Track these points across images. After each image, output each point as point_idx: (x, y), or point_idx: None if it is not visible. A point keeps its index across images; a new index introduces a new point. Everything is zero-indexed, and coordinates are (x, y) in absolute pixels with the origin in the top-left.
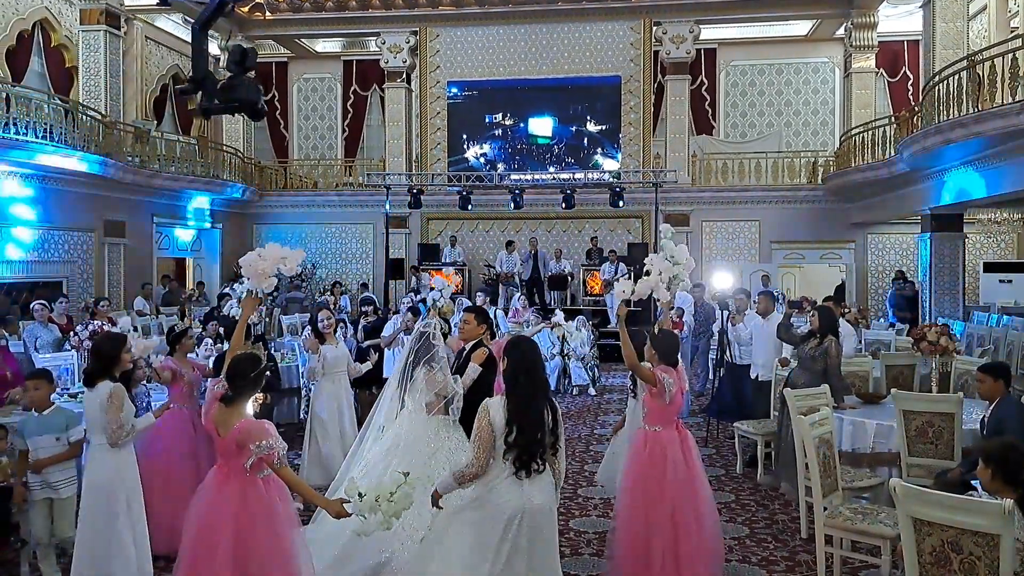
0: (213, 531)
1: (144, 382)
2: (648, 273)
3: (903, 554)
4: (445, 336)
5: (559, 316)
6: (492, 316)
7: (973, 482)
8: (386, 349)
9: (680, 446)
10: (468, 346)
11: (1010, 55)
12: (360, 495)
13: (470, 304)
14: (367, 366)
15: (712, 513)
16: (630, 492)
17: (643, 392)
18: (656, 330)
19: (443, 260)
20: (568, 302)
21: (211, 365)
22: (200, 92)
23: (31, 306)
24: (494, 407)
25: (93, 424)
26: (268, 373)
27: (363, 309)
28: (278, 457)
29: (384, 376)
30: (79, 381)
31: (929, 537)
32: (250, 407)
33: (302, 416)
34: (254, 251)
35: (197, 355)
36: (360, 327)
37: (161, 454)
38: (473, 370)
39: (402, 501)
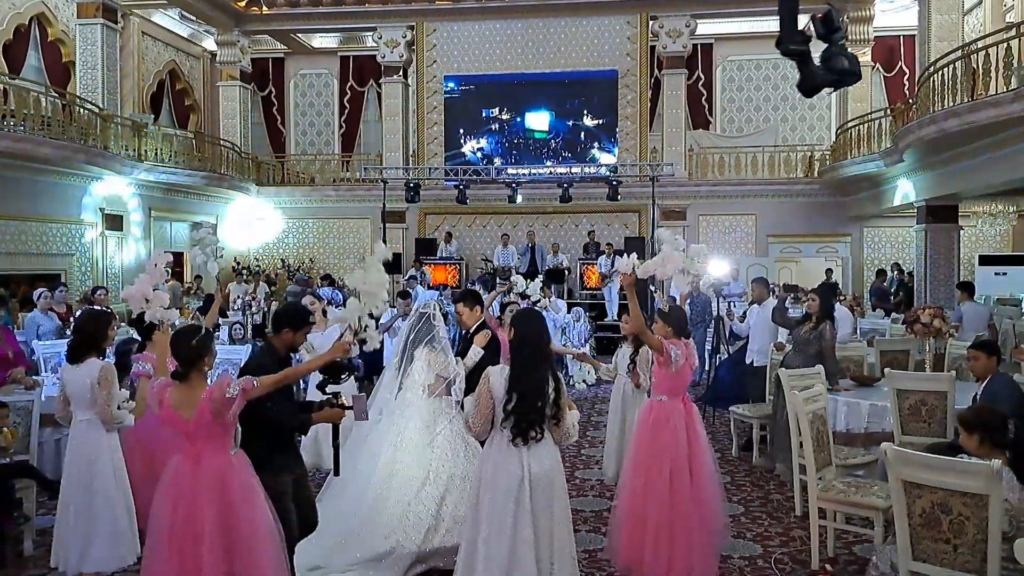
0: (195, 517)
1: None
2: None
3: (894, 518)
4: (445, 316)
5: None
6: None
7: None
8: (386, 336)
9: (684, 417)
10: (472, 329)
11: (1004, 45)
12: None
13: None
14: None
15: (713, 485)
16: (632, 459)
17: (648, 369)
18: (666, 307)
19: (439, 255)
20: (565, 296)
21: None
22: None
23: (35, 294)
24: (494, 375)
25: (79, 400)
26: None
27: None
28: (253, 382)
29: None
30: None
31: (919, 500)
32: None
33: None
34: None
35: None
36: None
37: (147, 434)
38: (475, 352)
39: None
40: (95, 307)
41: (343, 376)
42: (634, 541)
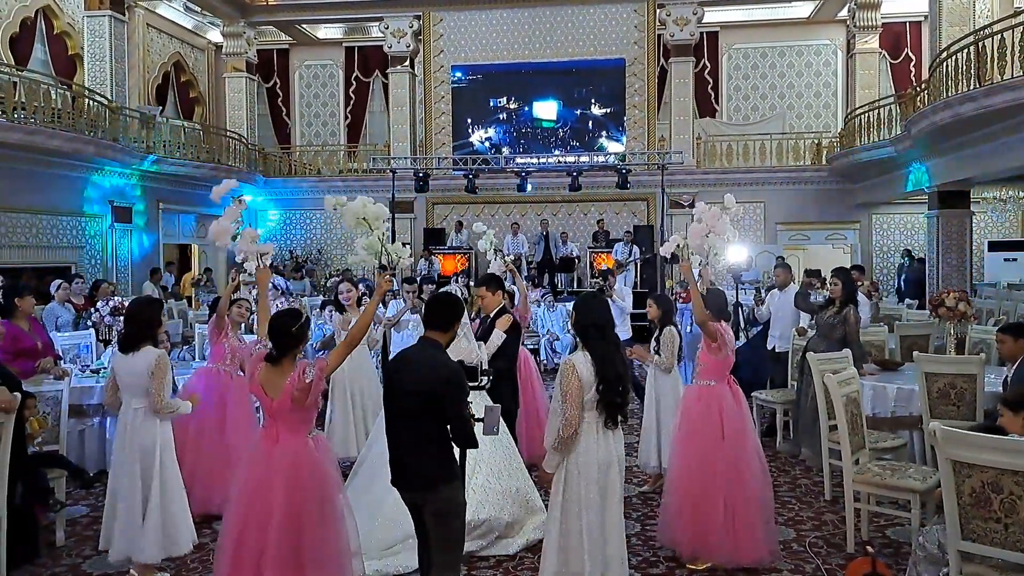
0: (266, 493)
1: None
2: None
3: (942, 498)
4: (466, 301)
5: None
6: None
7: None
8: (394, 331)
9: (734, 400)
10: (492, 313)
11: (1021, 28)
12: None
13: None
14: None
15: (762, 462)
16: (682, 446)
17: (666, 351)
18: (704, 290)
19: (449, 245)
20: (575, 284)
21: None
22: None
23: (52, 286)
24: (580, 363)
25: (132, 388)
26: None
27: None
28: (325, 359)
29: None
30: (98, 358)
31: (969, 479)
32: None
33: None
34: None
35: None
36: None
37: (192, 416)
38: (498, 336)
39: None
40: (124, 302)
41: (481, 380)
42: (698, 527)
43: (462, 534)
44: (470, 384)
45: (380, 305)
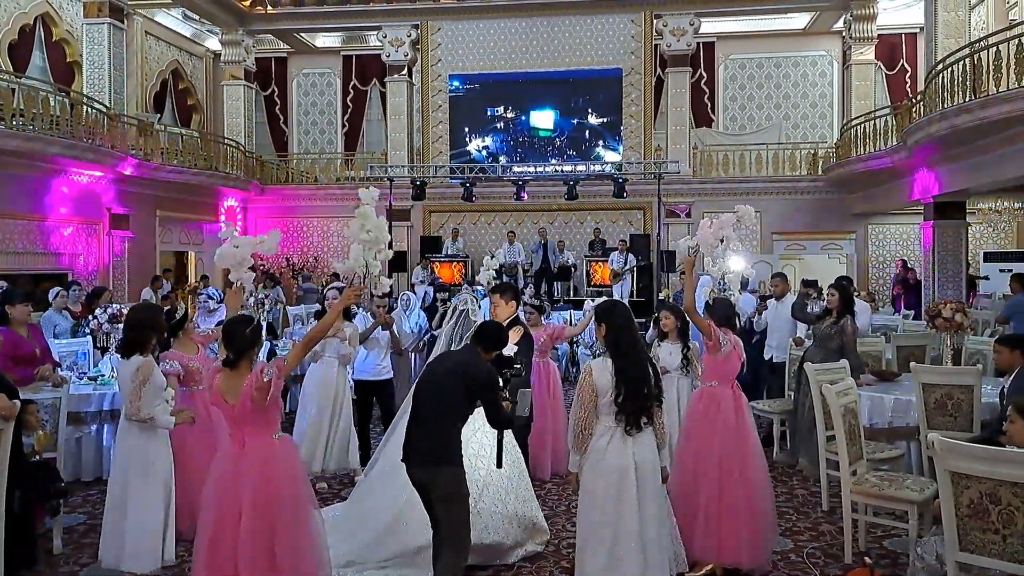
0: (237, 494)
1: None
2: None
3: (940, 509)
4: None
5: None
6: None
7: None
8: (363, 348)
9: (733, 403)
10: (504, 323)
11: (1016, 40)
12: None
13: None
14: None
15: (761, 473)
16: (682, 445)
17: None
18: (711, 300)
19: (445, 253)
20: (572, 293)
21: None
22: None
23: (51, 293)
24: (597, 368)
25: (124, 395)
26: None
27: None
28: (283, 360)
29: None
30: (95, 365)
31: (967, 490)
32: None
33: None
34: (227, 243)
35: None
36: None
37: (175, 436)
38: (508, 349)
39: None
40: (122, 310)
41: (513, 368)
42: (684, 524)
43: (467, 517)
44: (506, 371)
45: (348, 320)
